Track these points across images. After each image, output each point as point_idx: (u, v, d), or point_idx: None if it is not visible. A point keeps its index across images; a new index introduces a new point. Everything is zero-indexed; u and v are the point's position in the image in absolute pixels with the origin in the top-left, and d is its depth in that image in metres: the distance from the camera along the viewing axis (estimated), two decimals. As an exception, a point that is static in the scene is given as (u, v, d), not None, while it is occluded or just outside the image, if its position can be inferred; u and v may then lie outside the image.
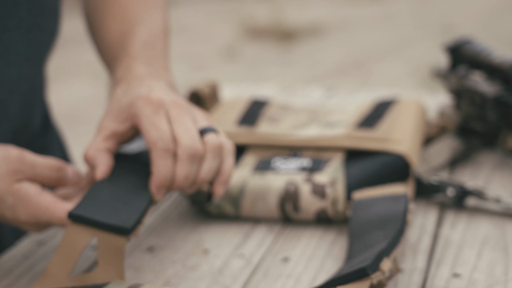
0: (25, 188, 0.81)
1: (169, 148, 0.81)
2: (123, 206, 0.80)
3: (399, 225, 0.81)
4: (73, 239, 0.76)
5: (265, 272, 0.83)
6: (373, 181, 0.95)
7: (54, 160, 0.84)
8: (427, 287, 0.79)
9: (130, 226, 0.77)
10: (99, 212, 0.78)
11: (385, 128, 1.02)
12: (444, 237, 0.89)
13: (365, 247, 0.80)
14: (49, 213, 0.80)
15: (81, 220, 0.77)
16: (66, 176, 0.84)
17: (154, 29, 0.99)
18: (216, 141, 0.84)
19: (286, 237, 0.91)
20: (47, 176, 0.83)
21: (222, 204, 0.95)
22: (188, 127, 0.83)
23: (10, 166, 0.81)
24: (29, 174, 0.81)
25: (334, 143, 1.00)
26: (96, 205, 0.79)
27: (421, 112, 1.10)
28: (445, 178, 0.98)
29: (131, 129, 0.85)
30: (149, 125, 0.82)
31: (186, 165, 0.81)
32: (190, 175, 0.82)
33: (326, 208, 0.92)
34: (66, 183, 0.84)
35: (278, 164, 0.98)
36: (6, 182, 0.80)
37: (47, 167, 0.82)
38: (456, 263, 0.83)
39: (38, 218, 0.80)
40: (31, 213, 0.80)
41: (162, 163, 0.81)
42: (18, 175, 0.81)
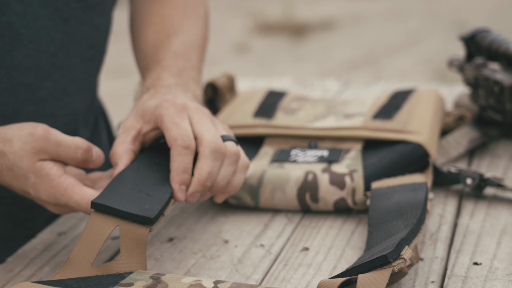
0: (48, 168, 0.81)
1: (188, 145, 0.82)
2: (146, 197, 0.80)
3: (419, 213, 0.81)
4: (96, 228, 0.77)
5: (286, 262, 0.84)
6: (392, 171, 0.95)
7: (82, 140, 0.84)
8: (448, 275, 0.79)
9: (154, 216, 0.78)
10: (122, 202, 0.78)
11: (403, 119, 1.02)
12: (464, 226, 0.89)
13: (385, 236, 0.80)
14: (67, 195, 0.81)
15: (104, 209, 0.78)
16: (92, 157, 0.84)
17: (190, 41, 1.02)
18: (235, 149, 0.85)
19: (305, 227, 0.91)
20: (71, 156, 0.83)
21: (241, 195, 0.95)
22: (210, 127, 0.85)
23: (34, 144, 0.81)
24: (52, 152, 0.82)
25: (352, 133, 1.00)
26: (119, 195, 0.79)
27: (439, 102, 1.10)
28: (464, 168, 0.98)
29: (154, 129, 0.87)
30: (170, 124, 0.84)
31: (209, 161, 0.82)
32: (213, 172, 0.83)
33: (345, 198, 0.93)
34: (90, 165, 0.84)
35: (297, 155, 0.98)
36: (30, 159, 0.81)
37: (73, 146, 0.83)
38: (476, 251, 0.83)
39: (57, 199, 0.81)
40: (50, 193, 0.81)
41: (180, 159, 0.82)
42: (41, 154, 0.82)
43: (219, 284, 0.71)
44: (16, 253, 0.88)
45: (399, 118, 1.02)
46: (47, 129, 0.83)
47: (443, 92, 1.28)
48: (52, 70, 0.97)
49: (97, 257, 0.85)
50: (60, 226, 0.94)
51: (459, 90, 1.32)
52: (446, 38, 5.00)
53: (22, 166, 0.81)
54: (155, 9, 1.06)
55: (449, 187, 0.98)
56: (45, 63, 0.96)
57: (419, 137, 0.98)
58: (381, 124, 1.01)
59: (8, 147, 0.82)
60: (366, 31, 5.54)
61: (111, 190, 0.80)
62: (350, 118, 1.04)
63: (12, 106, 0.95)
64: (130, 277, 0.73)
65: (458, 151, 1.06)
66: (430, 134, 0.99)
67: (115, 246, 0.88)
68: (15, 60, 0.94)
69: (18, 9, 0.92)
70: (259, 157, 0.99)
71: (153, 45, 1.02)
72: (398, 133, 0.99)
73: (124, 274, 0.74)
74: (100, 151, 0.85)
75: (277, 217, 0.94)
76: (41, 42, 0.95)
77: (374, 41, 5.22)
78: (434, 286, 0.77)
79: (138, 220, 0.78)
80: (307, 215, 0.94)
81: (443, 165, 1.04)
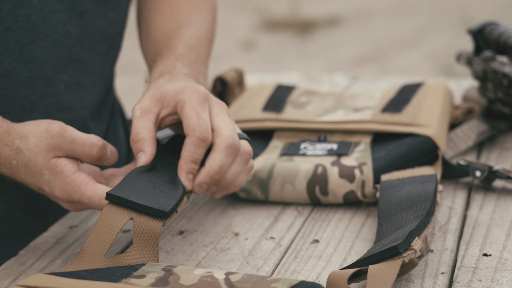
0: (62, 165, 0.82)
1: (206, 137, 0.82)
2: (160, 193, 0.81)
3: (429, 205, 0.81)
4: (110, 219, 0.77)
5: (296, 254, 0.84)
6: (401, 164, 0.95)
7: (97, 138, 0.84)
8: (458, 266, 0.79)
9: (168, 210, 0.78)
10: (137, 195, 0.79)
11: (412, 112, 1.02)
12: (473, 218, 0.90)
13: (395, 228, 0.80)
14: (80, 191, 0.81)
15: (119, 201, 0.78)
16: (106, 155, 0.85)
17: (200, 34, 1.03)
18: (248, 149, 0.85)
19: (315, 220, 0.92)
20: (86, 153, 0.83)
21: (251, 189, 0.96)
22: (228, 122, 0.85)
23: (49, 141, 0.82)
24: (67, 149, 0.82)
25: (361, 127, 1.01)
26: (134, 189, 0.80)
27: (447, 95, 1.11)
28: (473, 161, 0.98)
29: (171, 114, 0.86)
30: (192, 112, 0.83)
31: (223, 155, 0.82)
32: (224, 167, 0.83)
33: (355, 191, 0.93)
34: (104, 163, 0.85)
35: (306, 148, 0.99)
36: (45, 156, 0.82)
37: (88, 144, 0.83)
38: (486, 243, 0.84)
39: (70, 195, 0.82)
40: (64, 189, 0.82)
41: (193, 150, 0.82)
42: (56, 151, 0.82)
43: (230, 275, 0.71)
44: (28, 246, 0.89)
45: (408, 111, 1.03)
46: (62, 126, 0.83)
47: (451, 86, 1.29)
48: (69, 63, 0.98)
49: (109, 250, 0.85)
50: (71, 220, 0.95)
51: (467, 84, 1.32)
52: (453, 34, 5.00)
53: (37, 162, 0.82)
54: (165, 0, 1.07)
55: (458, 180, 0.99)
56: (62, 56, 0.97)
57: (428, 130, 0.98)
58: (390, 118, 1.01)
59: (24, 144, 0.82)
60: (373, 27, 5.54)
61: (125, 184, 0.80)
62: (359, 112, 1.05)
63: (30, 98, 0.96)
64: (142, 269, 0.73)
65: (467, 144, 1.06)
66: (439, 127, 1.00)
67: (126, 239, 0.89)
68: (33, 53, 0.95)
69: (35, 2, 0.93)
70: (269, 151, 1.00)
71: (164, 33, 1.02)
72: (407, 126, 0.99)
73: (136, 266, 0.74)
74: (114, 149, 0.86)
75: (287, 210, 0.95)
76: (57, 35, 0.96)
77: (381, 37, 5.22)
78: (444, 277, 0.77)
79: (152, 213, 0.78)
80: (317, 208, 0.95)
81: (452, 158, 1.05)
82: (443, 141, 0.99)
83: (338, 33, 5.45)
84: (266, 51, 5.10)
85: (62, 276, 0.70)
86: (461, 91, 1.27)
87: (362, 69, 4.50)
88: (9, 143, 0.83)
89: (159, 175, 0.84)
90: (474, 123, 1.08)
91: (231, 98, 1.18)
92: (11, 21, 0.93)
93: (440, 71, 4.23)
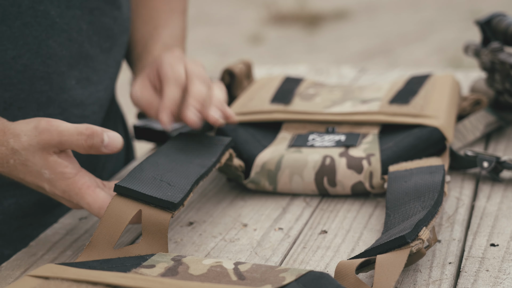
0: (63, 166, 0.82)
1: (180, 81, 0.91)
2: (168, 186, 0.81)
3: (437, 195, 0.82)
4: (118, 211, 0.78)
5: (304, 245, 0.84)
6: (408, 155, 0.96)
7: (84, 126, 0.83)
8: (465, 256, 0.80)
9: (177, 202, 0.79)
10: (145, 188, 0.79)
11: (419, 103, 1.02)
12: (481, 208, 0.90)
13: (403, 218, 0.81)
14: (80, 195, 0.81)
15: (128, 193, 0.79)
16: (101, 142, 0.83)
17: (176, 34, 1.10)
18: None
19: (323, 211, 0.92)
20: (76, 143, 0.81)
21: (260, 180, 0.96)
22: (201, 70, 0.94)
23: (38, 138, 0.81)
24: (56, 143, 0.81)
25: (369, 118, 1.01)
26: (142, 182, 0.81)
27: (455, 87, 1.11)
28: (480, 151, 0.98)
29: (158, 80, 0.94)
30: (167, 66, 0.92)
31: (198, 83, 0.91)
32: (203, 91, 0.91)
33: (363, 182, 0.93)
34: (102, 150, 0.83)
35: (314, 139, 0.99)
36: (41, 155, 0.81)
37: (75, 133, 0.81)
38: (493, 233, 0.84)
39: (71, 197, 0.82)
40: (65, 190, 0.82)
41: (170, 91, 0.90)
42: (47, 148, 0.81)
43: (239, 265, 0.72)
44: (38, 237, 0.89)
45: (416, 103, 1.03)
46: (49, 120, 0.82)
47: (458, 77, 1.29)
48: (79, 59, 1.00)
49: (118, 241, 0.86)
50: (81, 212, 0.96)
51: (475, 76, 1.32)
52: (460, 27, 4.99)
53: (35, 161, 0.81)
54: (143, 2, 1.13)
55: (466, 171, 0.99)
56: (74, 52, 0.99)
57: (436, 121, 0.98)
58: (397, 109, 1.02)
59: (17, 143, 0.82)
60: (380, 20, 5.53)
61: (132, 178, 0.81)
62: (367, 103, 1.05)
63: (47, 94, 0.97)
64: (152, 259, 0.74)
65: (474, 135, 1.06)
66: (446, 118, 1.00)
67: (135, 230, 0.89)
68: (50, 48, 0.95)
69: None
70: (277, 142, 1.00)
71: (142, 36, 1.10)
72: (415, 117, 1.00)
73: (145, 256, 0.75)
74: (114, 135, 0.83)
75: (295, 201, 0.95)
76: (71, 31, 0.97)
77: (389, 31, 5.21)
78: (451, 267, 0.77)
79: (161, 205, 0.79)
80: (325, 199, 0.95)
81: (459, 149, 1.05)
82: (450, 132, 0.99)
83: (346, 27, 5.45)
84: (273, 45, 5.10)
85: (72, 266, 0.71)
86: (468, 82, 1.27)
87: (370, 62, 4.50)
88: (4, 143, 0.82)
89: (165, 169, 0.85)
90: (481, 114, 1.08)
91: (239, 90, 1.18)
92: (30, 16, 0.93)
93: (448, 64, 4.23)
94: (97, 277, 0.67)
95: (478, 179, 0.97)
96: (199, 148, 0.91)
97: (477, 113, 1.08)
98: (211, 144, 0.92)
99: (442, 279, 0.75)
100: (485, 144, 1.08)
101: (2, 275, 0.81)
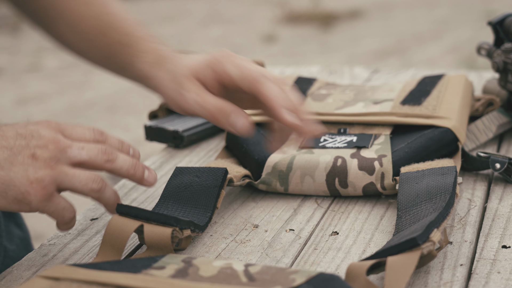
0: None
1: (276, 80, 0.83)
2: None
3: (448, 197, 0.82)
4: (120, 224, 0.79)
5: (315, 246, 0.84)
6: (420, 156, 0.95)
7: None
8: (477, 258, 0.79)
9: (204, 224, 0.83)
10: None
11: (432, 104, 1.02)
12: (493, 210, 0.90)
13: (414, 220, 0.81)
14: None
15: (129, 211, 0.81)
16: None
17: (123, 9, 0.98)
18: None
19: (335, 212, 0.92)
20: None
21: (271, 181, 0.96)
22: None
23: None
24: None
25: (381, 119, 1.01)
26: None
27: (468, 87, 1.10)
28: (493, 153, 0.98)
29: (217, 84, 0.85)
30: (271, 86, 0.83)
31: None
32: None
33: (374, 183, 0.93)
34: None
35: (326, 140, 0.99)
36: None
37: None
38: (505, 235, 0.84)
39: None
40: None
41: (272, 88, 0.82)
42: None
43: (250, 267, 0.72)
44: (50, 238, 0.89)
45: (428, 104, 1.03)
46: None
47: (472, 78, 1.28)
48: None
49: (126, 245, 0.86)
50: (92, 212, 0.96)
51: (488, 76, 1.32)
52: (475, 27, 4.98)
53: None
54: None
55: (478, 172, 0.99)
56: None
57: (448, 122, 0.98)
58: (410, 110, 1.01)
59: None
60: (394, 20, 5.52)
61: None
62: (379, 104, 1.05)
63: None
64: (162, 260, 0.74)
65: (487, 136, 1.06)
66: (459, 119, 1.00)
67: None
68: None
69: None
70: (289, 143, 1.00)
71: (93, 18, 0.97)
72: (427, 118, 0.99)
73: (156, 257, 0.75)
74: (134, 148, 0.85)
75: (307, 202, 0.95)
76: None
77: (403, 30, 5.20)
78: (463, 269, 0.77)
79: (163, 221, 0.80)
80: (336, 200, 0.95)
81: (472, 150, 1.04)
82: (463, 133, 0.99)
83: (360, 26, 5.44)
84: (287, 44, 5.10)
85: (83, 267, 0.71)
86: (482, 83, 1.27)
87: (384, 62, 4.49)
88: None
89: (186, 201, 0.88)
90: (494, 115, 1.08)
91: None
92: None
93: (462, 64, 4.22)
94: (108, 278, 0.68)
95: (490, 181, 0.97)
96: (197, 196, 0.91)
97: (490, 114, 1.08)
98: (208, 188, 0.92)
99: (453, 281, 0.75)
100: (497, 145, 1.07)
101: (14, 275, 0.81)
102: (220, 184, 0.91)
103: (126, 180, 1.03)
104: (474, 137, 1.06)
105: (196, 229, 0.84)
